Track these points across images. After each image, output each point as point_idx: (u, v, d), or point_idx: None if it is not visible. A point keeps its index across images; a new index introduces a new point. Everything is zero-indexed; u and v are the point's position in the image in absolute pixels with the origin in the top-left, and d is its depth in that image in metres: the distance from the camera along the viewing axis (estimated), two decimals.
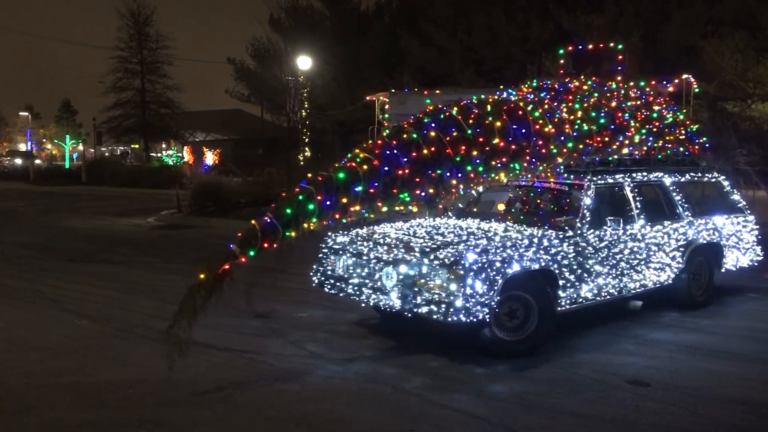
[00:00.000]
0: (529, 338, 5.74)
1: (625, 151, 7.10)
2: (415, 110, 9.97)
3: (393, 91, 15.19)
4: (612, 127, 6.79)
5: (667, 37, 19.83)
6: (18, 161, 48.37)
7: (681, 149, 7.81)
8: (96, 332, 6.41)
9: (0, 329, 6.51)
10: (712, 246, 7.67)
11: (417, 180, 5.51)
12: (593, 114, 6.70)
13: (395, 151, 5.54)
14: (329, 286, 6.25)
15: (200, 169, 37.44)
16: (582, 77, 7.62)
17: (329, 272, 6.32)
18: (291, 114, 27.89)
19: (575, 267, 6.09)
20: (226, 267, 4.98)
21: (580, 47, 14.98)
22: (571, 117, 6.50)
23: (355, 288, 5.96)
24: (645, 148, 7.35)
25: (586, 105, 6.76)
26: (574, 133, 6.44)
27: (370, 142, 6.03)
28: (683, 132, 7.84)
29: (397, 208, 5.63)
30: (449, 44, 25.09)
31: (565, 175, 6.68)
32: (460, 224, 6.63)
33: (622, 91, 7.53)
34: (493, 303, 5.40)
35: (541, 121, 6.18)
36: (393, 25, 29.08)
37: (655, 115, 7.47)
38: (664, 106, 7.92)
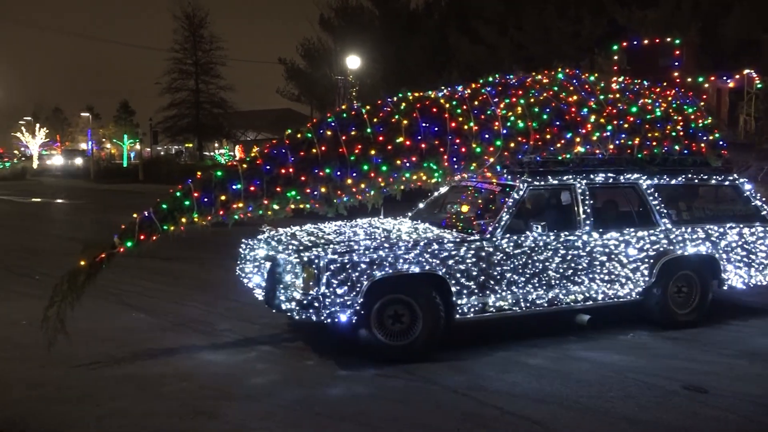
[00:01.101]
0: (414, 343, 5.55)
1: (580, 149, 6.43)
2: None
3: (442, 88, 14.86)
4: (557, 123, 6.27)
5: (727, 30, 19.12)
6: (78, 160, 50.19)
7: (677, 147, 6.88)
8: (153, 326, 6.62)
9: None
10: (701, 259, 6.66)
11: (303, 179, 5.62)
12: (536, 110, 6.27)
13: (284, 151, 5.71)
14: (246, 280, 6.45)
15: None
16: (552, 72, 6.95)
17: (243, 266, 6.58)
18: None
19: (476, 273, 5.69)
20: (102, 256, 5.42)
21: (635, 42, 14.58)
22: (510, 114, 6.19)
23: (253, 283, 6.22)
24: (612, 146, 6.57)
25: (533, 100, 6.32)
26: (504, 131, 6.12)
27: (271, 141, 6.30)
28: (681, 128, 6.92)
29: (295, 207, 5.76)
30: (499, 41, 24.84)
31: (505, 175, 6.31)
32: (376, 225, 6.55)
33: (602, 84, 6.91)
34: (356, 305, 5.30)
35: (460, 119, 6.04)
36: (442, 23, 28.96)
37: (634, 109, 6.67)
38: (667, 98, 7.10)
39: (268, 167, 5.62)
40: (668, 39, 14.10)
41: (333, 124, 5.86)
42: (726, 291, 6.97)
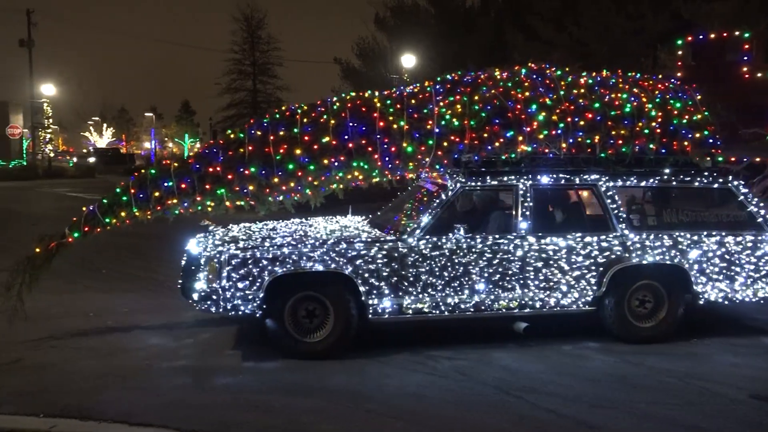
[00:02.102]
0: (326, 340, 5.59)
1: (526, 148, 6.10)
2: None
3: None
4: (497, 121, 6.03)
5: None
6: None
7: (653, 146, 6.28)
8: (208, 319, 6.78)
9: (125, 314, 7.07)
10: (665, 269, 6.06)
11: (230, 177, 5.91)
12: (476, 108, 6.09)
13: (215, 150, 6.08)
14: None
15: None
16: (516, 67, 6.63)
17: None
18: None
19: (387, 274, 5.60)
20: (53, 245, 6.04)
21: (701, 37, 14.05)
22: (449, 112, 6.08)
23: None
24: (565, 144, 6.17)
25: (477, 97, 6.14)
26: (437, 129, 6.04)
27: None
28: (659, 125, 6.29)
29: (232, 204, 6.06)
30: (556, 38, 24.36)
31: (446, 174, 6.17)
32: (310, 224, 6.70)
33: (570, 79, 6.46)
34: (257, 299, 5.43)
35: (391, 118, 6.05)
36: (498, 20, 28.62)
37: (596, 105, 6.21)
38: (652, 93, 6.48)
39: (197, 166, 6.00)
40: (737, 33, 13.51)
41: (265, 124, 6.10)
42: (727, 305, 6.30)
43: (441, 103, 6.15)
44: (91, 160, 50.63)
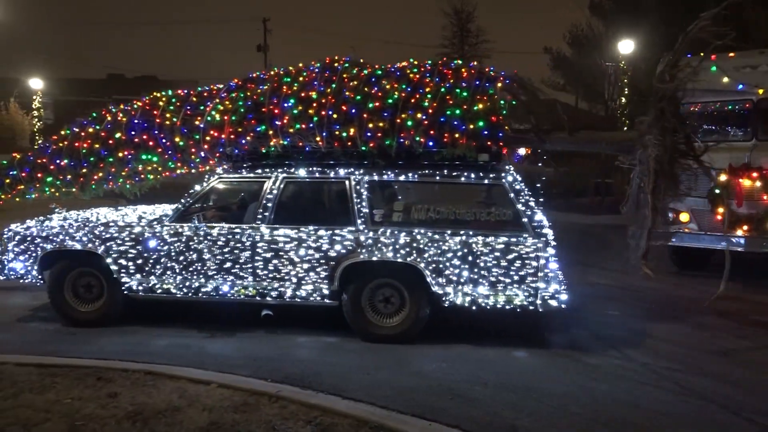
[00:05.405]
0: (99, 310, 6.38)
1: (282, 141, 6.20)
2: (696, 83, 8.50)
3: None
4: (251, 116, 6.25)
5: None
6: None
7: (421, 139, 5.82)
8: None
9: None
10: (400, 267, 5.80)
11: (52, 168, 6.83)
12: (240, 103, 6.37)
13: (47, 144, 7.13)
14: None
15: (512, 159, 38.08)
16: (301, 66, 6.71)
17: None
18: (609, 101, 26.59)
19: (133, 255, 6.24)
20: None
21: None
22: (221, 109, 6.43)
23: None
24: (319, 138, 6.08)
25: (248, 93, 6.47)
26: (201, 125, 6.39)
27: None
28: (427, 116, 5.79)
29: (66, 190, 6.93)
30: None
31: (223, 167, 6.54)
32: (123, 212, 7.37)
33: (354, 71, 6.35)
34: (34, 270, 6.43)
35: (168, 115, 6.61)
36: None
37: (359, 98, 6.03)
38: (438, 82, 6.00)
39: (31, 157, 7.01)
40: None
41: (84, 122, 6.99)
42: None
43: (225, 101, 6.52)
44: None
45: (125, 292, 6.30)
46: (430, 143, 5.89)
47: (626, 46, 23.44)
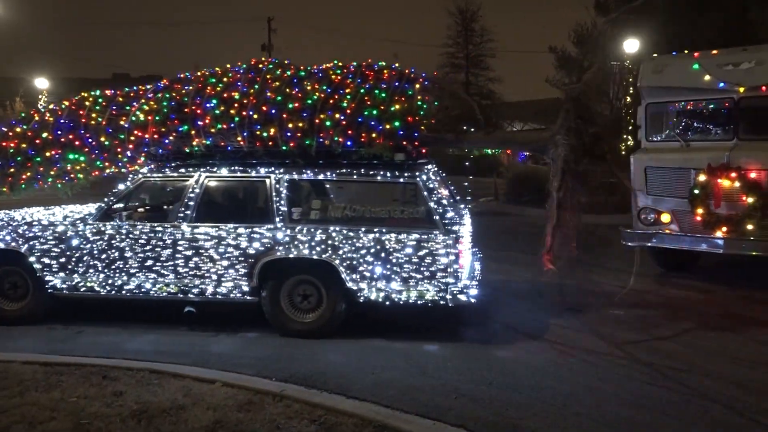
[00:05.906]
0: (25, 308, 6.42)
1: (205, 141, 6.29)
2: (678, 81, 8.52)
3: (655, 55, 11.40)
4: (173, 116, 6.32)
5: None
6: None
7: (338, 139, 5.95)
8: None
9: None
10: (315, 264, 5.91)
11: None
12: (165, 103, 6.44)
13: None
14: None
15: (517, 158, 38.03)
16: (228, 66, 6.83)
17: None
18: (615, 101, 26.52)
19: (57, 254, 6.27)
20: None
21: None
22: (146, 109, 6.46)
23: None
24: (240, 138, 6.19)
25: (173, 94, 6.51)
26: (126, 125, 6.44)
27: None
28: (344, 116, 5.93)
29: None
30: None
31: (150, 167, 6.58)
32: (49, 210, 7.31)
33: (278, 72, 6.51)
34: None
35: (93, 115, 6.63)
36: None
37: (279, 98, 6.15)
38: (359, 83, 6.18)
39: None
40: None
41: (13, 122, 7.06)
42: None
43: (142, 101, 6.57)
44: None
45: (49, 291, 6.37)
46: (349, 143, 6.04)
47: (632, 45, 23.37)
